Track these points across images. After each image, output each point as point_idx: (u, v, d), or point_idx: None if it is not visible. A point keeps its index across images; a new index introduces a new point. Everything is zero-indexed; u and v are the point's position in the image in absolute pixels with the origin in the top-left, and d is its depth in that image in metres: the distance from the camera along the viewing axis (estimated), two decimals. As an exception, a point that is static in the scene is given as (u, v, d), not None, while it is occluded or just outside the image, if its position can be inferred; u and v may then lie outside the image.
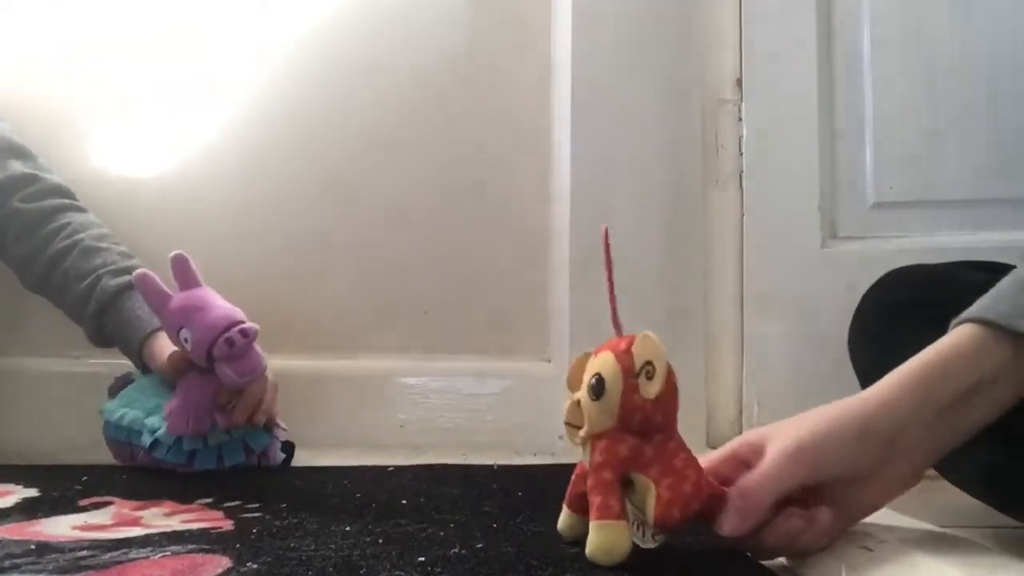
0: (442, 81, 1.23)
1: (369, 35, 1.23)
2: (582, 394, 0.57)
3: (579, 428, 0.58)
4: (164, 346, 0.95)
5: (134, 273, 0.91)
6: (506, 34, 1.24)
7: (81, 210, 1.09)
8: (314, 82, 1.22)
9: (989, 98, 1.06)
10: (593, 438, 0.57)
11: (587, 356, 0.59)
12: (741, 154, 1.15)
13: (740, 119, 1.15)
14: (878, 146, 1.09)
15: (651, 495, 0.55)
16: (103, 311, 1.00)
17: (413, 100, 1.23)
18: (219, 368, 0.88)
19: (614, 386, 0.56)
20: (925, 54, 1.08)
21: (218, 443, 0.92)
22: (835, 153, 1.11)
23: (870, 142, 1.09)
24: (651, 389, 0.54)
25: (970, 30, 1.07)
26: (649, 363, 0.55)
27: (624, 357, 0.56)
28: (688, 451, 0.57)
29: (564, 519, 0.62)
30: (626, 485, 0.56)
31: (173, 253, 0.90)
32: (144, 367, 0.99)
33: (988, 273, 0.80)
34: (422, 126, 1.23)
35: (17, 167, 1.07)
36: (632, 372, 0.55)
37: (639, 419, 0.56)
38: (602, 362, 0.57)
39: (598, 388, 0.56)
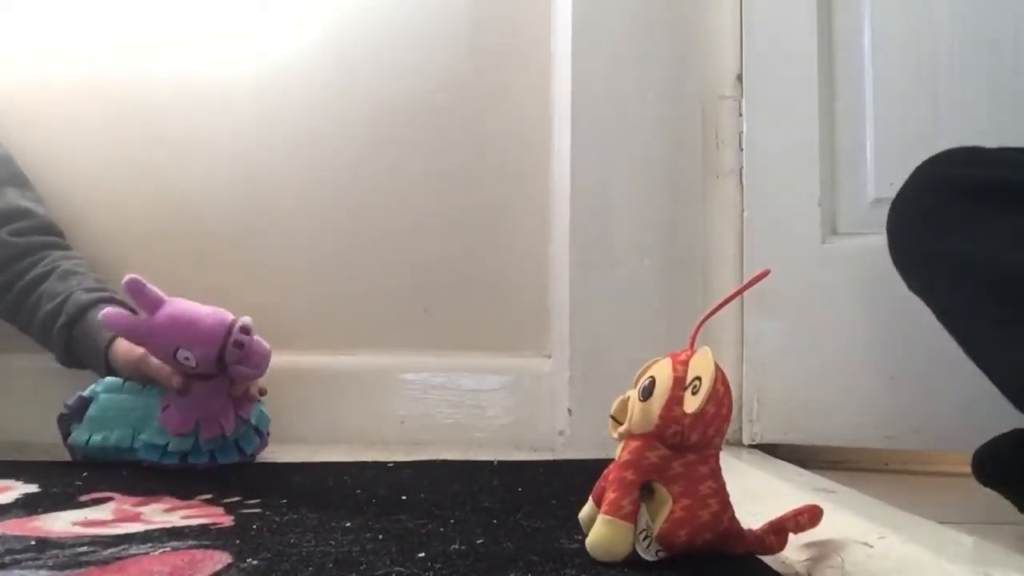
0: (442, 79, 1.23)
1: (369, 36, 1.23)
2: (634, 392, 0.58)
3: (621, 424, 0.58)
4: (131, 346, 0.94)
5: (106, 318, 0.86)
6: (506, 31, 1.24)
7: (66, 248, 1.10)
8: (314, 82, 1.22)
9: (990, 95, 1.05)
10: (629, 437, 0.58)
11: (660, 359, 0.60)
12: (741, 150, 1.14)
13: (740, 115, 1.15)
14: (879, 142, 1.09)
15: (665, 509, 0.56)
16: (73, 323, 1.00)
17: (413, 96, 1.22)
18: (233, 370, 0.88)
19: (662, 392, 0.56)
20: (926, 50, 1.08)
21: (211, 448, 0.92)
22: (835, 149, 1.10)
23: (870, 138, 1.09)
24: (691, 404, 0.55)
25: (971, 26, 1.06)
26: (698, 378, 0.55)
27: (680, 368, 0.57)
28: (720, 482, 0.58)
29: (586, 510, 0.62)
30: (648, 493, 0.57)
31: (127, 278, 0.85)
32: (108, 370, 0.98)
33: None
34: (422, 123, 1.22)
35: (12, 198, 1.08)
36: (682, 384, 0.56)
37: (674, 432, 0.56)
38: (660, 367, 0.58)
39: (648, 390, 0.57)
